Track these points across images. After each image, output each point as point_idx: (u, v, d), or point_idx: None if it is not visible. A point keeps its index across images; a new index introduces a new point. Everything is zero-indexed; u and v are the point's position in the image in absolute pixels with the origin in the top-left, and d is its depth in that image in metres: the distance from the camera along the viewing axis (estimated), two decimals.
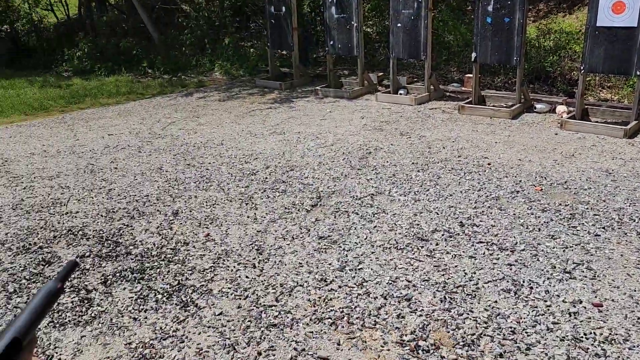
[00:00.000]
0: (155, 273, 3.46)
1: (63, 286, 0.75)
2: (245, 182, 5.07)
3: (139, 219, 4.29)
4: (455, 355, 2.63)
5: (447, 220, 4.17)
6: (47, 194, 4.87)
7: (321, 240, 3.86)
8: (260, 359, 2.62)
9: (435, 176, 5.13)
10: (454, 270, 3.44)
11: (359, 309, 3.03)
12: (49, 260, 3.65)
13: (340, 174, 5.22)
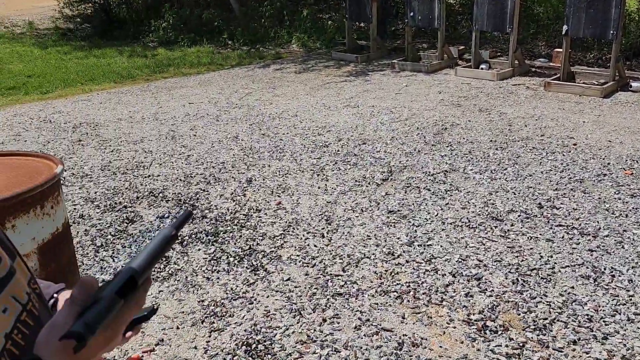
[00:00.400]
0: (228, 237, 3.59)
1: (177, 234, 0.76)
2: (318, 153, 5.11)
3: (214, 185, 4.45)
4: (524, 339, 2.55)
5: (525, 201, 4.00)
6: (132, 157, 5.16)
7: (390, 215, 3.83)
8: (325, 325, 2.67)
9: (514, 155, 4.92)
10: (529, 252, 3.30)
11: (426, 284, 2.99)
12: (132, 219, 3.88)
13: (413, 149, 5.13)
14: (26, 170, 2.09)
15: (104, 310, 0.66)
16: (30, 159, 2.22)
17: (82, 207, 4.10)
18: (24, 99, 7.73)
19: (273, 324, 2.70)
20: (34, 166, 2.13)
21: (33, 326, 0.76)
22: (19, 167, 2.12)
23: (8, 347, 0.70)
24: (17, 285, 0.76)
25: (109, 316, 0.66)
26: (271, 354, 2.48)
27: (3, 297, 0.72)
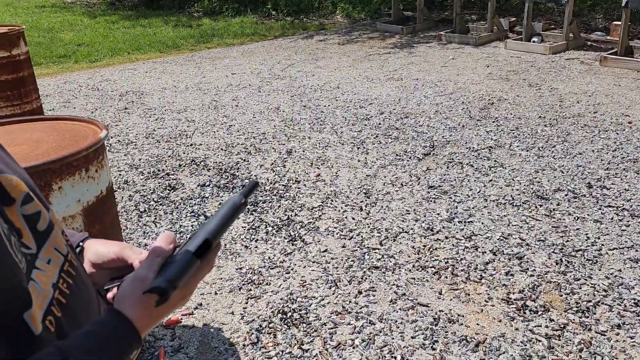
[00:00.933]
0: (267, 207, 3.61)
1: (246, 202, 0.79)
2: (359, 126, 5.05)
3: (255, 155, 4.47)
4: (566, 320, 2.47)
5: (573, 180, 3.85)
6: (175, 126, 5.24)
7: (431, 190, 3.76)
8: (360, 297, 2.67)
9: (564, 132, 4.72)
10: (574, 233, 3.19)
11: (465, 261, 2.94)
12: (174, 186, 3.96)
13: (457, 124, 5.00)
14: (72, 134, 2.14)
15: (184, 268, 0.69)
16: (76, 123, 2.27)
17: (127, 173, 4.21)
18: (73, 67, 7.94)
19: (309, 293, 2.72)
20: (79, 130, 2.18)
21: (75, 276, 0.79)
22: (66, 131, 2.18)
23: (56, 296, 0.73)
24: (57, 237, 0.78)
25: (188, 274, 0.70)
26: (306, 323, 2.50)
27: (46, 248, 0.74)
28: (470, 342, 2.36)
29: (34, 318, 0.66)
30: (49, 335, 0.69)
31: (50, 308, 0.71)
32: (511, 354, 2.28)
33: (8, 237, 0.66)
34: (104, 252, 0.89)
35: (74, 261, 0.82)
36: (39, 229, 0.76)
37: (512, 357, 2.27)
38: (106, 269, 0.89)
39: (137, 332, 0.70)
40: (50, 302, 0.72)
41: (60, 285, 0.75)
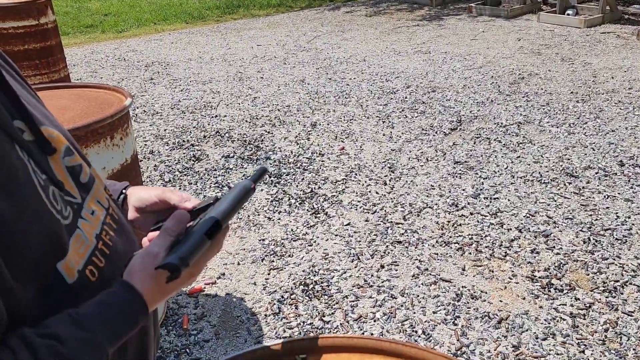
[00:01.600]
0: (290, 179, 3.61)
1: (255, 187, 0.81)
2: (384, 100, 4.98)
3: (279, 127, 4.45)
4: (592, 299, 2.43)
5: (605, 157, 3.74)
6: (200, 97, 5.24)
7: (457, 165, 3.70)
8: (382, 271, 2.66)
9: (597, 108, 4.58)
10: (604, 211, 3.11)
11: (490, 238, 2.90)
12: (198, 157, 3.97)
13: (485, 99, 4.88)
14: (98, 102, 2.15)
15: (196, 247, 0.71)
16: (101, 91, 2.27)
17: (152, 143, 4.24)
18: (100, 37, 7.98)
19: (331, 266, 2.72)
20: (105, 98, 2.19)
21: (116, 228, 0.81)
22: (91, 99, 2.19)
23: (100, 247, 0.75)
24: (99, 191, 0.82)
25: (199, 253, 0.71)
26: (327, 295, 2.51)
27: (90, 200, 0.77)
28: (493, 318, 2.34)
29: (68, 268, 0.68)
30: (89, 284, 0.71)
31: (92, 258, 0.73)
32: (534, 332, 2.26)
33: (45, 188, 0.68)
34: (146, 196, 0.91)
35: (115, 215, 0.84)
36: (82, 181, 0.78)
37: (534, 335, 2.24)
38: (150, 212, 0.92)
39: (145, 306, 0.71)
40: (93, 252, 0.74)
41: (104, 236, 0.77)
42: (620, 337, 2.22)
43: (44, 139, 0.72)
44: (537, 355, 2.15)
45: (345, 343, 0.86)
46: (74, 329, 0.64)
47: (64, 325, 0.64)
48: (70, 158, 0.78)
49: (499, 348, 2.18)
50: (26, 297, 0.63)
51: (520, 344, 2.20)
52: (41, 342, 0.61)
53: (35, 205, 0.65)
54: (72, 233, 0.71)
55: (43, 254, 0.65)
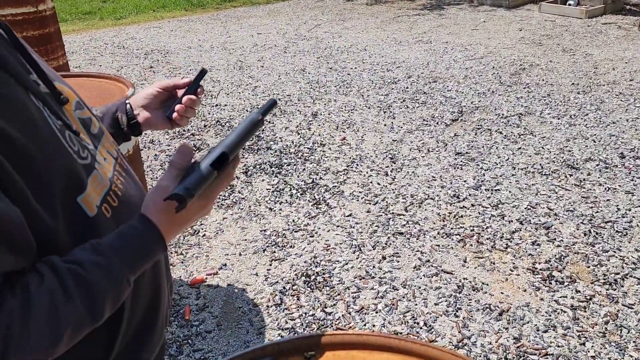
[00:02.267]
0: (292, 169, 3.60)
1: (263, 119, 0.83)
2: (386, 90, 4.96)
3: (280, 117, 4.44)
4: (592, 292, 2.44)
5: (605, 149, 3.74)
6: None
7: (458, 157, 3.70)
8: (384, 262, 2.67)
9: (598, 100, 4.57)
10: (605, 204, 3.11)
11: (491, 230, 2.90)
12: (199, 146, 3.96)
13: (487, 90, 4.87)
14: (99, 91, 2.14)
15: (201, 178, 0.74)
16: (102, 80, 2.26)
17: (152, 132, 4.22)
18: (99, 24, 7.92)
19: (332, 257, 2.72)
20: (106, 88, 2.18)
21: (125, 175, 0.88)
22: (92, 89, 2.17)
23: (112, 188, 0.82)
24: (108, 141, 0.88)
25: (205, 184, 0.75)
26: (329, 286, 2.52)
27: (100, 149, 0.84)
28: (494, 310, 2.35)
29: (88, 202, 0.74)
30: (105, 220, 0.77)
31: (106, 197, 0.79)
32: (535, 324, 2.27)
33: (61, 131, 0.73)
34: (148, 90, 1.02)
35: (124, 164, 0.90)
36: (92, 132, 0.85)
37: (535, 327, 2.25)
38: (158, 107, 1.03)
39: (160, 235, 0.77)
40: (107, 192, 0.80)
41: (115, 180, 0.83)
42: (621, 330, 2.23)
43: (57, 91, 0.78)
44: (538, 347, 2.16)
45: (354, 340, 0.86)
46: (94, 255, 0.70)
47: (85, 252, 0.70)
48: (81, 111, 0.84)
49: (500, 340, 2.19)
50: (55, 228, 0.69)
51: (522, 336, 2.21)
52: (65, 266, 0.67)
53: (54, 144, 0.71)
54: (90, 173, 0.77)
55: (65, 187, 0.71)
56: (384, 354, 0.85)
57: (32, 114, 0.69)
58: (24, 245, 0.64)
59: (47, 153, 0.69)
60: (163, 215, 0.76)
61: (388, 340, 0.86)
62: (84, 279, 0.68)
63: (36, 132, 0.68)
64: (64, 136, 0.73)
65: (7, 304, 0.62)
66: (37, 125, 0.69)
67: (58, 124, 0.74)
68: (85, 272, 0.68)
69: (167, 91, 1.01)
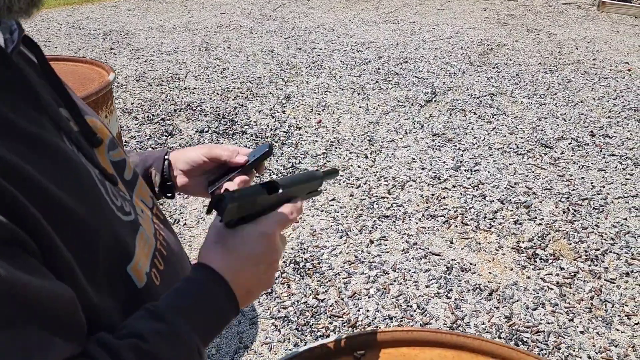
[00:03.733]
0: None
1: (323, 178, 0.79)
2: (357, 71, 4.91)
3: (252, 100, 4.34)
4: (576, 268, 2.50)
5: (576, 128, 3.83)
6: (166, 68, 5.03)
7: (435, 137, 3.71)
8: (372, 247, 2.65)
9: (564, 79, 4.67)
10: (580, 182, 3.20)
11: (474, 210, 2.93)
12: (171, 132, 3.83)
13: (457, 70, 4.90)
14: (76, 76, 2.01)
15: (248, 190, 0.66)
16: (79, 65, 2.12)
17: (120, 118, 4.05)
18: (49, 4, 7.51)
19: (320, 243, 2.69)
20: (83, 73, 2.05)
21: (164, 227, 0.75)
22: (68, 74, 2.04)
23: (158, 247, 0.69)
24: (143, 188, 0.75)
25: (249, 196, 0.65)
26: (319, 273, 2.49)
27: (135, 199, 0.71)
28: (484, 290, 2.38)
29: (137, 270, 0.62)
30: (154, 288, 0.65)
31: (153, 260, 0.67)
32: (524, 302, 2.31)
33: (102, 182, 0.60)
34: (194, 157, 0.84)
35: (160, 214, 0.77)
36: (126, 177, 0.71)
37: (525, 305, 2.30)
38: (200, 175, 0.86)
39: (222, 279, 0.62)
40: (154, 253, 0.68)
41: (158, 236, 0.71)
42: (605, 304, 2.30)
43: (90, 129, 0.64)
44: (529, 325, 2.20)
45: (404, 337, 0.83)
46: (153, 322, 0.56)
47: (142, 321, 0.57)
48: (115, 152, 0.70)
49: (493, 319, 2.22)
50: (102, 305, 0.56)
51: (512, 314, 2.25)
52: (119, 343, 0.54)
53: (96, 200, 0.58)
54: (137, 231, 0.64)
55: (112, 256, 0.58)
56: (436, 349, 0.83)
57: (71, 163, 0.56)
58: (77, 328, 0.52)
59: (93, 213, 0.56)
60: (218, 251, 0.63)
61: (439, 335, 0.83)
62: (147, 353, 0.54)
63: (79, 187, 0.55)
64: (105, 189, 0.61)
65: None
66: (79, 178, 0.56)
67: (96, 172, 0.60)
68: (147, 346, 0.54)
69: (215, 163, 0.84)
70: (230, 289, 0.62)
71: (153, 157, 0.87)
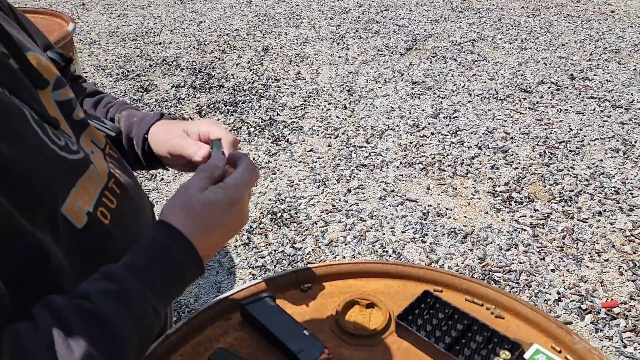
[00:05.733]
0: (247, 107, 3.49)
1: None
2: (337, 20, 4.81)
3: (230, 53, 4.25)
4: (549, 210, 2.54)
5: (556, 72, 3.80)
6: (140, 22, 4.90)
7: (415, 86, 3.68)
8: (349, 195, 2.67)
9: (547, 23, 4.61)
10: (558, 125, 3.20)
11: (451, 157, 2.94)
12: (147, 87, 3.76)
13: (439, 16, 4.81)
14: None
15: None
16: (37, 16, 2.05)
17: (94, 75, 3.97)
18: None
19: (297, 193, 2.70)
20: (43, 24, 1.98)
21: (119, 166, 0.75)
22: None
23: (110, 185, 0.69)
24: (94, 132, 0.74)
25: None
26: (296, 222, 2.51)
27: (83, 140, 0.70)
28: (459, 233, 2.41)
29: (73, 210, 0.60)
30: (101, 227, 0.64)
31: (101, 199, 0.66)
32: (498, 244, 2.35)
33: (43, 129, 0.59)
34: (161, 150, 0.78)
35: (114, 153, 0.76)
36: (75, 117, 0.69)
37: (498, 247, 2.34)
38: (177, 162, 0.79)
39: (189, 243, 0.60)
40: (102, 192, 0.67)
41: (112, 174, 0.70)
42: (577, 243, 2.35)
43: (32, 69, 0.62)
44: (501, 265, 2.25)
45: (350, 269, 0.84)
46: (102, 282, 0.55)
47: (93, 282, 0.55)
48: (62, 91, 0.68)
49: (466, 261, 2.27)
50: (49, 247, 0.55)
51: (486, 256, 2.29)
52: (65, 304, 0.52)
53: (30, 142, 0.56)
54: (86, 169, 0.64)
55: (47, 196, 0.57)
56: (382, 280, 0.84)
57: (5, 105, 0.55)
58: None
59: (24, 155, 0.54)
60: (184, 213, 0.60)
61: (385, 266, 0.84)
62: (90, 313, 0.52)
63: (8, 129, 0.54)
64: (43, 129, 0.59)
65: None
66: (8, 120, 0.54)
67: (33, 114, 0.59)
68: (92, 305, 0.52)
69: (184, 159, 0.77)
70: (192, 246, 0.60)
71: (137, 131, 0.81)
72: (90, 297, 0.53)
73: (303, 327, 0.74)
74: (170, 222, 0.60)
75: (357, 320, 0.77)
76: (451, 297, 0.80)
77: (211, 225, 0.61)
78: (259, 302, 0.77)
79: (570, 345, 0.70)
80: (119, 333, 0.53)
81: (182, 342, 0.74)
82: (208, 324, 0.77)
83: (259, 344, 0.74)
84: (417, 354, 0.72)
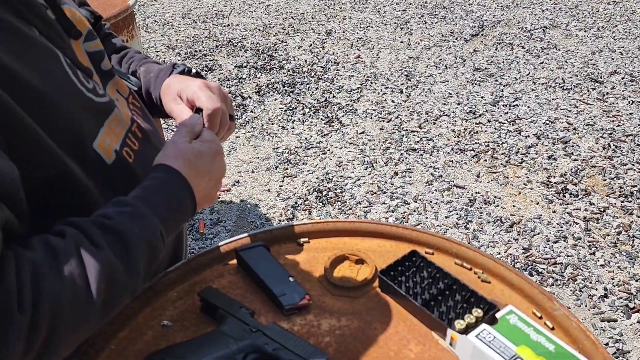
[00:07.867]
0: (304, 88, 3.54)
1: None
2: (403, 5, 4.75)
3: (293, 36, 4.32)
4: (606, 204, 2.41)
5: (633, 62, 3.57)
6: (212, 5, 5.07)
7: (476, 72, 3.58)
8: (396, 178, 2.66)
9: (629, 10, 4.32)
10: (627, 117, 3.02)
11: (507, 145, 2.85)
12: (211, 67, 3.91)
13: (510, 2, 4.63)
14: (97, 2, 2.08)
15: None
16: None
17: (164, 54, 4.17)
18: None
19: (345, 173, 2.73)
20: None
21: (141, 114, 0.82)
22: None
23: (133, 129, 0.76)
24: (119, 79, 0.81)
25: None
26: (341, 201, 2.54)
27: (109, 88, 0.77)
28: (505, 222, 2.35)
29: (103, 147, 0.68)
30: (127, 164, 0.71)
31: (126, 140, 0.73)
32: (545, 235, 2.27)
33: (74, 72, 0.66)
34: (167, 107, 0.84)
35: (137, 102, 0.83)
36: (103, 68, 0.76)
37: (546, 238, 2.26)
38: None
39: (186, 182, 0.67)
40: (126, 134, 0.74)
41: (135, 119, 0.78)
42: (633, 240, 2.22)
43: (67, 20, 0.68)
44: (547, 257, 2.17)
45: (346, 227, 0.87)
46: (117, 207, 0.61)
47: (109, 207, 0.62)
48: (93, 43, 0.75)
49: (510, 250, 2.21)
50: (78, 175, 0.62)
51: (531, 246, 2.22)
52: (87, 220, 0.59)
53: (62, 81, 0.63)
54: (112, 111, 0.71)
55: (78, 132, 0.63)
56: (376, 239, 0.86)
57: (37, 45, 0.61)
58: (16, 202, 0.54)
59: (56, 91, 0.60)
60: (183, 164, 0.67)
61: (379, 226, 0.86)
62: (111, 227, 0.58)
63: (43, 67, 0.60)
64: (74, 72, 0.65)
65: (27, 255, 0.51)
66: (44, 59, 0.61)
67: (68, 61, 0.65)
68: (112, 222, 0.59)
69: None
70: (189, 185, 0.67)
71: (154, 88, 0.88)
72: (108, 215, 0.60)
73: (289, 275, 0.77)
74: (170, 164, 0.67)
75: (345, 274, 0.80)
76: (441, 259, 0.81)
77: (201, 171, 0.69)
78: (252, 250, 0.82)
79: (551, 312, 0.70)
80: (134, 248, 0.59)
81: (179, 280, 0.80)
82: (206, 267, 0.83)
83: (248, 287, 0.78)
84: (396, 307, 0.74)
